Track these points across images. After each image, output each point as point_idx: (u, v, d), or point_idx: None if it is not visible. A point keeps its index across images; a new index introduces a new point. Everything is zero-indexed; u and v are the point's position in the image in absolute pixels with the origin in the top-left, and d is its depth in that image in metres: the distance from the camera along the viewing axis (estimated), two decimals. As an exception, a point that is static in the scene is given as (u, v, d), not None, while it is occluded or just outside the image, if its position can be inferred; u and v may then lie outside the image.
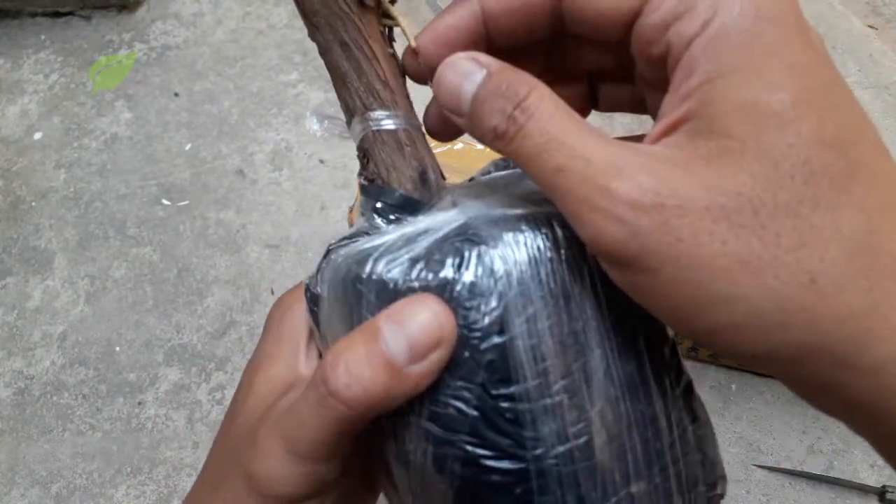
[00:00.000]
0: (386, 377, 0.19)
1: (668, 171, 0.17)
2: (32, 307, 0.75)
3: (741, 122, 0.17)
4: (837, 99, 0.17)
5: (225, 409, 0.67)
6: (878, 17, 0.94)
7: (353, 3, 0.21)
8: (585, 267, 0.20)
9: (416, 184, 0.23)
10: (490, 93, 0.19)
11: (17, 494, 0.64)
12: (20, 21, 0.99)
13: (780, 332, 0.17)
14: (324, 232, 0.78)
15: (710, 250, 0.17)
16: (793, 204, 0.17)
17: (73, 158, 0.87)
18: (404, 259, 0.20)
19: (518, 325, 0.19)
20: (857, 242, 0.17)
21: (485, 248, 0.20)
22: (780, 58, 0.17)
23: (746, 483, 0.63)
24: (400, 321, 0.19)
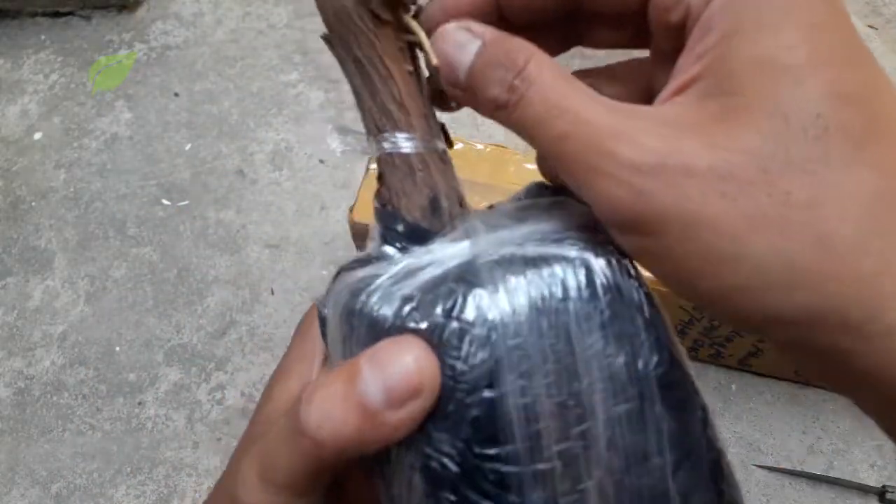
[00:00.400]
0: (359, 421, 0.18)
1: (674, 131, 0.17)
2: (32, 307, 0.75)
3: (753, 78, 0.16)
4: (855, 56, 0.17)
5: (225, 409, 0.67)
6: (878, 17, 0.94)
7: (367, 18, 0.20)
8: (598, 320, 0.18)
9: (425, 212, 0.21)
10: (487, 63, 0.19)
11: (17, 494, 0.64)
12: (20, 21, 0.99)
13: (787, 294, 0.16)
14: (324, 232, 0.78)
15: (716, 209, 0.16)
16: (804, 160, 0.16)
17: (73, 158, 0.86)
18: (398, 295, 0.19)
19: (510, 381, 0.18)
20: (872, 201, 0.16)
21: (481, 293, 0.18)
22: (798, 15, 0.17)
23: (746, 483, 0.63)
24: (380, 363, 0.18)
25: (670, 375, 0.19)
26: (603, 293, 0.19)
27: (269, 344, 0.71)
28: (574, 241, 0.19)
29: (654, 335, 0.19)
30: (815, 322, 0.16)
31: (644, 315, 0.19)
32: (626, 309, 0.19)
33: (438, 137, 0.22)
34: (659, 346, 0.19)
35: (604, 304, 0.19)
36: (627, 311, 0.19)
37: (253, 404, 0.68)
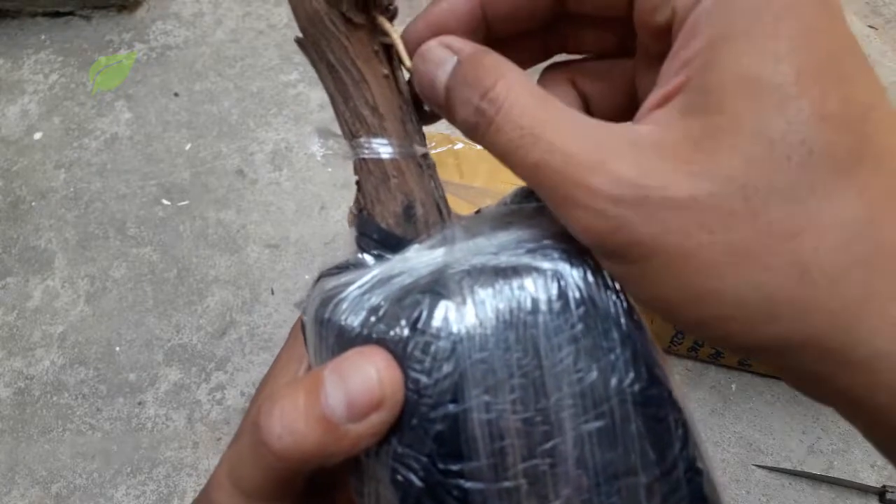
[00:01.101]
0: (320, 433, 0.17)
1: (653, 157, 0.16)
2: (32, 307, 0.75)
3: (738, 97, 0.16)
4: (848, 69, 0.16)
5: (225, 409, 0.67)
6: (878, 17, 0.94)
7: (339, 21, 0.19)
8: (569, 334, 0.18)
9: (399, 219, 0.21)
10: (458, 82, 0.18)
11: (17, 494, 0.64)
12: (20, 21, 0.99)
13: (769, 325, 0.16)
14: (324, 232, 0.78)
15: (696, 242, 0.16)
16: (788, 189, 0.15)
17: (73, 158, 0.86)
18: (366, 305, 0.18)
19: (475, 395, 0.17)
20: (856, 230, 0.15)
21: (448, 304, 0.18)
22: (790, 22, 0.16)
23: (746, 483, 0.63)
24: (343, 375, 0.17)
25: (647, 392, 0.18)
26: (575, 306, 0.18)
27: (269, 344, 0.71)
28: (551, 250, 0.19)
29: (630, 350, 0.18)
30: (799, 351, 0.16)
31: (621, 329, 0.18)
32: (601, 323, 0.18)
33: (416, 142, 0.21)
34: (636, 361, 0.18)
35: (576, 317, 0.18)
36: (602, 325, 0.18)
37: (253, 404, 0.68)
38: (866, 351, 0.16)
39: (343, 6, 0.19)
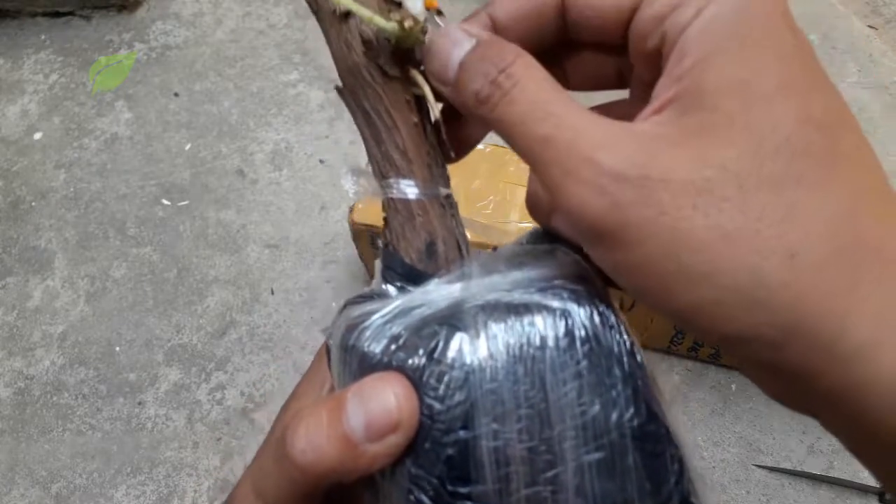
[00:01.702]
0: (340, 450, 0.19)
1: (655, 144, 0.17)
2: (32, 307, 0.75)
3: (729, 99, 0.17)
4: (822, 86, 0.18)
5: (225, 409, 0.67)
6: (878, 17, 0.94)
7: (376, 73, 0.21)
8: (573, 370, 0.19)
9: (421, 255, 0.22)
10: (477, 58, 0.19)
11: (17, 494, 0.64)
12: (20, 21, 0.99)
13: (761, 310, 0.16)
14: (324, 232, 0.78)
15: (692, 223, 0.16)
16: (777, 179, 0.17)
17: (73, 158, 0.87)
18: (388, 334, 0.20)
19: (484, 423, 0.18)
20: (839, 221, 0.16)
21: (463, 337, 0.19)
22: (768, 46, 0.17)
23: (746, 483, 0.63)
24: (363, 397, 0.19)
25: (645, 428, 0.19)
26: (581, 344, 0.19)
27: (269, 344, 0.71)
28: (561, 290, 0.20)
29: (631, 388, 0.19)
30: (787, 339, 0.17)
31: (623, 367, 0.19)
32: (605, 360, 0.19)
33: (441, 184, 0.23)
34: (636, 398, 0.19)
35: (580, 354, 0.19)
36: (605, 363, 0.19)
37: (252, 404, 0.68)
38: (852, 341, 0.16)
39: (381, 60, 0.21)
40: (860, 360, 0.16)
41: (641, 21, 0.19)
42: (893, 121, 0.82)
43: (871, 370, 0.16)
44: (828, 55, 0.90)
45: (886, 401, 0.16)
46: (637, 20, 0.19)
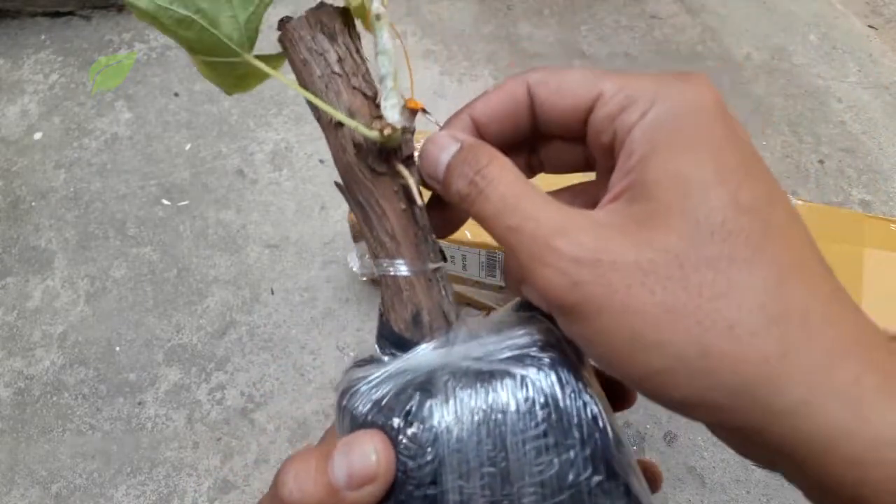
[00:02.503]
0: (323, 494, 0.21)
1: (606, 232, 0.20)
2: (32, 307, 0.75)
3: (669, 189, 0.20)
4: (754, 173, 0.20)
5: (225, 409, 0.67)
6: (878, 17, 0.94)
7: (366, 170, 0.25)
8: (532, 432, 0.21)
9: (408, 325, 0.25)
10: (459, 161, 0.23)
11: (17, 494, 0.64)
12: (20, 21, 0.99)
13: (706, 377, 0.18)
14: (324, 232, 0.78)
15: (640, 300, 0.19)
16: (713, 259, 0.19)
17: (73, 158, 0.87)
18: (373, 397, 0.22)
19: (450, 480, 0.21)
20: (769, 294, 0.19)
21: (433, 402, 0.21)
22: (702, 141, 0.20)
23: (746, 483, 0.63)
24: (348, 450, 0.21)
25: (604, 487, 0.21)
26: (540, 408, 0.21)
27: (269, 344, 0.71)
28: (528, 358, 0.22)
29: (590, 448, 0.21)
30: (731, 401, 0.19)
31: (582, 430, 0.21)
32: (564, 423, 0.21)
33: (430, 261, 0.26)
34: (594, 458, 0.21)
35: (539, 418, 0.21)
36: (565, 426, 0.21)
37: (252, 404, 0.68)
38: (788, 400, 0.18)
39: (369, 160, 0.25)
40: (796, 418, 0.18)
41: (596, 120, 0.22)
42: (893, 121, 0.82)
43: (807, 427, 0.18)
44: (828, 55, 0.90)
45: (826, 457, 0.18)
46: (592, 119, 0.23)
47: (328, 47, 0.26)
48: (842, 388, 0.18)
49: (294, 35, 0.27)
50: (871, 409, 0.18)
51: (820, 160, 0.80)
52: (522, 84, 0.24)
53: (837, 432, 0.18)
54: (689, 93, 0.21)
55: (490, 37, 0.95)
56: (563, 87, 0.23)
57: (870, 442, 0.18)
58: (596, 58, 0.91)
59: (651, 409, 0.66)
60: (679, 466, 0.62)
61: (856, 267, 0.54)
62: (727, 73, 0.89)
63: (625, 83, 0.22)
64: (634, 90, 0.22)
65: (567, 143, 0.26)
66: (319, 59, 0.26)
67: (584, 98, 0.23)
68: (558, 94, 0.23)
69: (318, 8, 0.26)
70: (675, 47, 0.92)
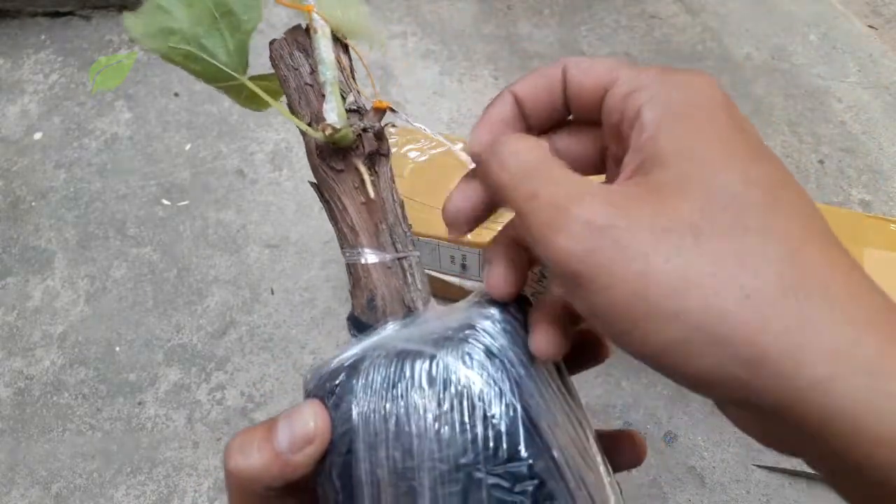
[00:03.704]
0: (267, 459, 0.23)
1: (621, 200, 0.20)
2: (32, 307, 0.75)
3: (683, 162, 0.20)
4: (763, 155, 0.21)
5: (225, 409, 0.67)
6: (878, 17, 0.94)
7: (327, 169, 0.28)
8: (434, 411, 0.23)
9: (363, 309, 0.28)
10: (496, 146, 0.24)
11: (17, 494, 0.64)
12: (20, 21, 0.99)
13: (725, 347, 0.18)
14: (324, 232, 0.78)
15: (656, 267, 0.19)
16: (728, 227, 0.19)
17: (73, 158, 0.87)
18: (321, 373, 0.25)
19: (361, 449, 0.23)
20: (784, 264, 0.18)
21: (355, 380, 0.24)
22: (712, 125, 0.21)
23: (746, 483, 0.63)
24: (290, 417, 0.24)
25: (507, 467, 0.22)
26: (443, 388, 0.23)
27: (269, 344, 0.71)
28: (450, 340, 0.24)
29: (493, 430, 0.22)
30: (752, 374, 0.18)
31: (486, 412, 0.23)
32: (467, 403, 0.23)
33: (390, 252, 0.28)
34: (496, 440, 0.22)
35: (442, 396, 0.23)
36: (468, 405, 0.23)
37: (252, 404, 0.68)
38: (811, 373, 0.17)
39: (329, 160, 0.27)
40: (820, 393, 0.17)
41: (611, 98, 0.23)
42: (893, 121, 0.82)
43: (832, 403, 0.17)
44: (828, 55, 0.90)
45: (854, 437, 0.17)
46: (606, 99, 0.24)
47: (303, 62, 0.28)
48: (867, 363, 0.17)
49: (276, 54, 0.29)
50: None
51: (820, 160, 0.80)
52: (559, 66, 0.25)
53: (865, 409, 0.17)
54: (697, 83, 0.22)
55: (490, 37, 0.95)
56: (590, 69, 0.24)
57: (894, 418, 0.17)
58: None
59: (651, 408, 0.66)
60: (679, 466, 0.62)
61: (856, 267, 0.54)
62: (727, 73, 0.89)
63: (641, 71, 0.23)
64: (646, 77, 0.23)
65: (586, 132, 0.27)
66: (295, 73, 0.28)
67: (604, 79, 0.24)
68: (585, 75, 0.24)
69: (297, 26, 0.29)
70: (675, 47, 0.92)
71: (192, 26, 0.27)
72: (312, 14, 0.28)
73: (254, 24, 0.28)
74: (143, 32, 0.27)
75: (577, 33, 0.94)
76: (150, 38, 0.27)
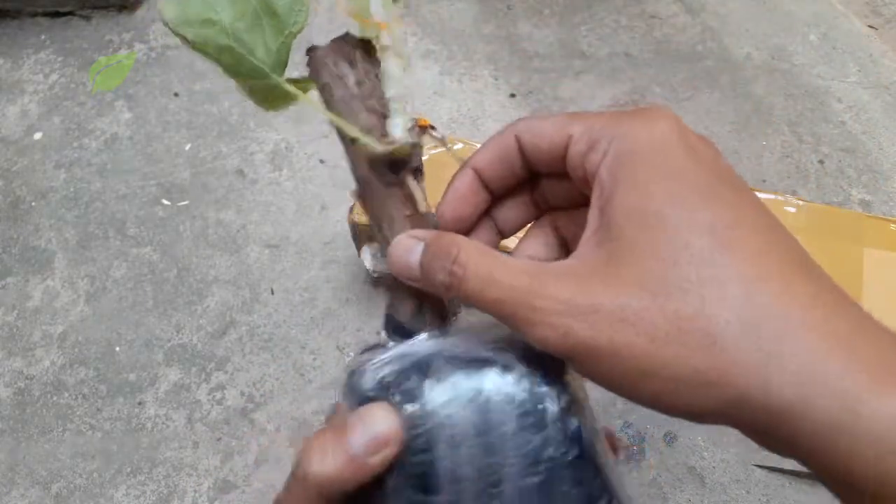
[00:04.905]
0: (344, 464, 0.24)
1: (579, 280, 0.22)
2: (32, 307, 0.75)
3: (629, 225, 0.21)
4: (714, 192, 0.21)
5: (225, 409, 0.67)
6: (878, 17, 0.94)
7: (378, 180, 0.29)
8: (514, 412, 0.25)
9: (410, 317, 0.29)
10: (431, 258, 0.25)
11: (17, 494, 0.64)
12: (20, 21, 0.99)
13: (705, 389, 0.20)
14: (324, 232, 0.78)
15: (625, 336, 0.20)
16: (681, 282, 0.20)
17: (73, 158, 0.87)
18: (377, 377, 0.26)
19: (442, 449, 0.24)
20: (742, 308, 0.20)
21: (429, 382, 0.25)
22: (659, 172, 0.22)
23: (746, 483, 0.63)
24: (363, 421, 0.24)
25: (576, 465, 0.25)
26: (518, 392, 0.25)
27: (268, 344, 0.71)
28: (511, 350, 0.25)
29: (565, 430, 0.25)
30: (731, 408, 0.20)
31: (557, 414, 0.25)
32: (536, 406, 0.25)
33: None
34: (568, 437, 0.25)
35: (518, 400, 0.25)
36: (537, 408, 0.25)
37: (252, 404, 0.68)
38: (781, 400, 0.19)
39: (380, 172, 0.28)
40: (794, 417, 0.19)
41: (570, 160, 0.25)
42: (893, 121, 0.82)
43: (805, 426, 0.19)
44: (828, 55, 0.90)
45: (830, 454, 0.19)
46: (567, 160, 0.25)
47: (348, 72, 0.29)
48: (832, 385, 0.19)
49: (319, 61, 0.30)
50: (863, 403, 0.18)
51: (820, 160, 0.80)
52: (511, 133, 0.27)
53: (833, 429, 0.19)
54: (646, 128, 0.23)
55: (490, 37, 0.95)
56: (541, 133, 0.26)
57: (864, 436, 0.18)
58: (596, 58, 0.91)
59: (651, 409, 0.66)
60: (679, 466, 0.62)
61: (856, 267, 0.54)
62: (727, 73, 0.89)
63: (591, 124, 0.24)
64: (597, 131, 0.24)
65: (560, 180, 0.28)
66: (340, 83, 0.29)
67: (558, 142, 0.25)
68: (538, 139, 0.26)
69: (342, 37, 0.30)
70: (675, 47, 0.92)
71: (233, 20, 0.27)
72: (383, 32, 0.28)
73: (300, 27, 0.29)
74: (178, 18, 0.27)
75: (577, 33, 0.94)
76: (184, 25, 0.27)
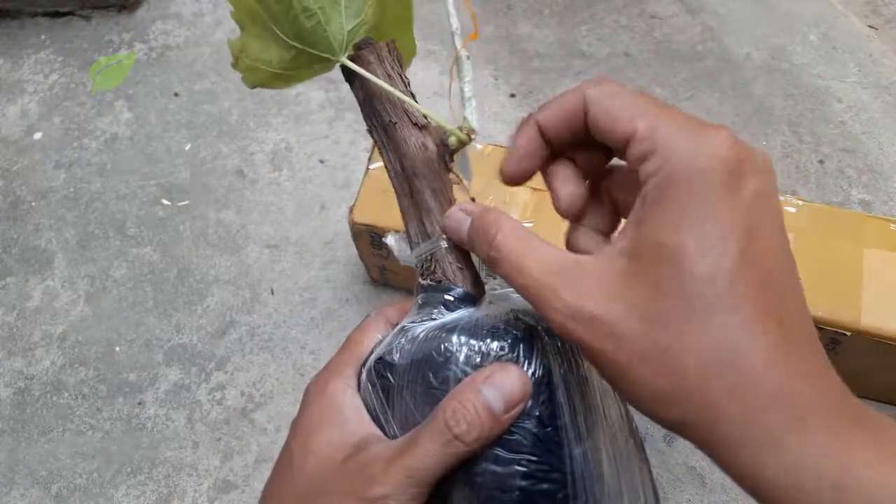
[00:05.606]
0: (490, 423, 0.28)
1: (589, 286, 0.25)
2: (32, 307, 0.75)
3: (647, 251, 0.24)
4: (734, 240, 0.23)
5: (225, 409, 0.67)
6: (878, 17, 0.94)
7: (441, 165, 0.33)
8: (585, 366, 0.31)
9: (472, 284, 0.33)
10: (475, 234, 0.30)
11: (17, 494, 0.64)
12: (20, 21, 0.99)
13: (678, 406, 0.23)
14: (324, 232, 0.78)
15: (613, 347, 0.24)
16: (670, 317, 0.23)
17: (73, 158, 0.87)
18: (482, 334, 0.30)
19: (556, 382, 0.29)
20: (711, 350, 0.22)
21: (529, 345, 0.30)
22: (693, 203, 0.23)
23: (746, 483, 0.63)
24: (497, 384, 0.28)
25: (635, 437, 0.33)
26: None
27: (269, 344, 0.71)
28: None
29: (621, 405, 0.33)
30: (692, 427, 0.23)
31: None
32: None
33: None
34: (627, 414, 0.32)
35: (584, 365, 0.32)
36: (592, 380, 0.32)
37: (252, 404, 0.68)
38: (718, 435, 0.22)
39: (444, 155, 0.33)
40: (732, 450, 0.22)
41: (630, 155, 0.25)
42: (893, 121, 0.82)
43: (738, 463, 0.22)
44: (828, 55, 0.90)
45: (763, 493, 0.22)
46: (628, 155, 0.26)
47: (400, 70, 0.33)
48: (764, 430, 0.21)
49: (372, 56, 0.32)
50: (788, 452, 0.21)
51: (820, 160, 0.80)
52: (581, 99, 0.27)
53: (759, 471, 0.22)
54: (702, 151, 0.23)
55: (490, 37, 0.95)
56: (610, 113, 0.26)
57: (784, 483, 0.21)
58: (596, 58, 0.91)
59: (651, 409, 0.66)
60: (679, 466, 0.62)
61: (856, 267, 0.54)
62: (727, 73, 0.89)
63: (655, 126, 0.25)
64: (658, 139, 0.24)
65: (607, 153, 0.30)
66: (398, 78, 0.33)
67: (623, 131, 0.26)
68: (605, 117, 0.27)
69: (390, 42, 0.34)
70: (675, 47, 0.92)
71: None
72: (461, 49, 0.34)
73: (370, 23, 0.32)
74: None
75: (577, 33, 0.94)
76: None
